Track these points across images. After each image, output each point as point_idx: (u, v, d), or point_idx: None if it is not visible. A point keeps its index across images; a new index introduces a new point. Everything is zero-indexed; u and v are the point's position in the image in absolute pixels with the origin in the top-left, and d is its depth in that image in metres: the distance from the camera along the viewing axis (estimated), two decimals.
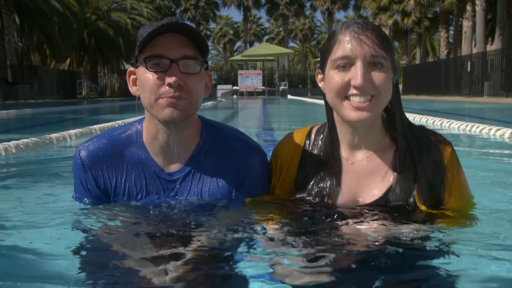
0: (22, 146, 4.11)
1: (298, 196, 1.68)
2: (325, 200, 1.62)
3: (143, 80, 1.54)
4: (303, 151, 1.70)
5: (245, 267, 1.28)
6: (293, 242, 1.36)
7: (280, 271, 1.20)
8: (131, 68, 1.66)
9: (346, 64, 1.46)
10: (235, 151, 1.70)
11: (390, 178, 1.59)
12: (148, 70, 1.51)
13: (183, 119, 1.55)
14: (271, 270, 1.23)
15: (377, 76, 1.45)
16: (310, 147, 1.70)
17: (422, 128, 1.64)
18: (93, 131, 5.96)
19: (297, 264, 1.23)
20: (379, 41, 1.45)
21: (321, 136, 1.69)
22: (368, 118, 1.48)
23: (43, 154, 4.20)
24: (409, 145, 1.57)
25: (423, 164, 1.56)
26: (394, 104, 1.58)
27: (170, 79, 1.49)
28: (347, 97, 1.48)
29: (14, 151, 3.95)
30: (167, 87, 1.50)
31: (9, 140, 4.12)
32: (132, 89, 1.66)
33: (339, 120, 1.60)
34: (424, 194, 1.55)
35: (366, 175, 1.61)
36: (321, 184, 1.64)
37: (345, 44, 1.46)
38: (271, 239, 1.40)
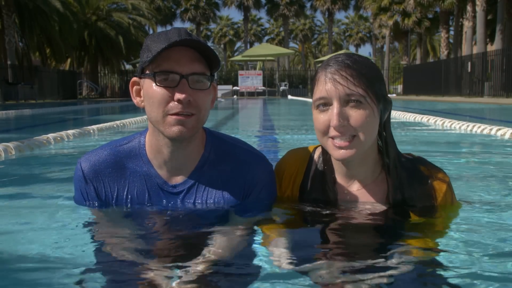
0: (21, 146, 4.10)
1: (300, 212, 1.69)
2: (323, 224, 1.62)
3: (150, 93, 1.48)
4: (304, 174, 1.72)
5: (251, 279, 1.24)
6: (298, 259, 1.31)
7: None
8: (135, 78, 1.59)
9: (325, 104, 1.48)
10: (240, 162, 1.66)
11: (383, 210, 1.61)
12: (157, 84, 1.47)
13: (191, 136, 1.52)
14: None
15: (355, 115, 1.46)
16: (311, 171, 1.71)
17: (419, 161, 1.64)
18: (91, 131, 5.96)
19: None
20: (356, 78, 1.45)
21: (320, 162, 1.70)
22: (353, 156, 1.49)
23: (41, 154, 4.19)
24: (401, 180, 1.59)
25: (416, 198, 1.59)
26: (388, 137, 1.59)
27: (179, 95, 1.45)
28: (331, 137, 1.50)
29: (13, 152, 3.94)
30: (176, 103, 1.46)
31: (9, 141, 4.11)
32: (136, 100, 1.59)
33: None
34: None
35: (361, 206, 1.63)
36: (318, 209, 1.67)
37: (322, 86, 1.49)
38: (279, 253, 1.36)
